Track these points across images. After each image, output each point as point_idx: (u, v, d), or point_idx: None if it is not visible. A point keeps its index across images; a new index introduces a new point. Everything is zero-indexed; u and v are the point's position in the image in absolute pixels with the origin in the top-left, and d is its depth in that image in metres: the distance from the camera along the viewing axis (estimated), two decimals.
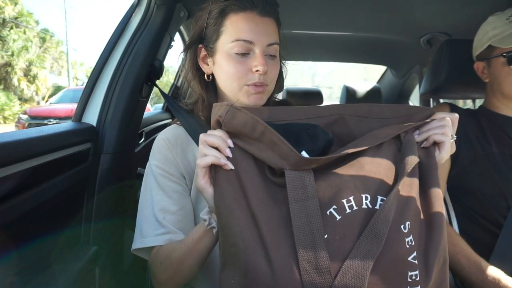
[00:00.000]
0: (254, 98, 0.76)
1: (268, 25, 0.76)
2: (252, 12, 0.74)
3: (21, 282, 0.70)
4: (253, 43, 0.74)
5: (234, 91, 0.77)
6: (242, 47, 0.74)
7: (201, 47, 0.81)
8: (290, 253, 0.48)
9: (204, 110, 0.82)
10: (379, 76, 2.69)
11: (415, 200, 0.54)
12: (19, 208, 0.67)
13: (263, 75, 0.74)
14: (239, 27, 0.74)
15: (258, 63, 0.73)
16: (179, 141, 0.81)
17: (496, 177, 0.95)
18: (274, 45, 0.76)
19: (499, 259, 0.90)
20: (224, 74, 0.77)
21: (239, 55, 0.74)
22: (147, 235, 0.74)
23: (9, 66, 16.65)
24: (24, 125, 7.93)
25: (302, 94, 2.31)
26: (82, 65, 26.99)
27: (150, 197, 0.77)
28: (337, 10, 1.41)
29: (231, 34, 0.75)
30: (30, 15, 18.50)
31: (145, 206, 0.77)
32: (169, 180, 0.78)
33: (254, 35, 0.73)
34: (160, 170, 0.78)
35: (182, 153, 0.80)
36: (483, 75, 1.04)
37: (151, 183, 0.78)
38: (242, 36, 0.73)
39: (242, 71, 0.74)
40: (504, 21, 0.96)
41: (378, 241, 0.47)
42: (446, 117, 0.62)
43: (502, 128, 1.00)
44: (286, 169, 0.53)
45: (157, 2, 1.04)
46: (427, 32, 1.58)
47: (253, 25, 0.74)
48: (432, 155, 0.60)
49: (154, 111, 1.83)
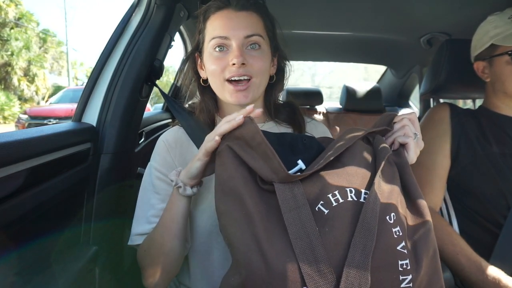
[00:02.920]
0: (237, 97, 0.77)
1: (245, 18, 0.77)
2: (228, 9, 0.76)
3: (21, 282, 0.70)
4: (228, 38, 0.75)
5: (219, 89, 0.79)
6: (218, 44, 0.76)
7: (197, 55, 0.85)
8: (285, 250, 0.50)
9: (202, 113, 0.85)
10: (379, 76, 2.69)
11: (398, 192, 0.56)
12: (19, 208, 0.67)
13: (242, 68, 0.75)
14: (215, 25, 0.77)
15: (233, 56, 0.74)
16: (179, 143, 0.83)
17: (496, 177, 0.95)
18: (254, 36, 0.76)
19: (499, 259, 0.90)
20: (209, 73, 0.79)
21: (217, 52, 0.76)
22: (134, 233, 0.79)
23: (9, 66, 16.66)
24: (24, 125, 7.92)
25: (302, 94, 2.31)
26: (82, 65, 27.01)
27: (145, 199, 0.80)
28: (337, 10, 1.41)
29: (209, 33, 0.78)
30: (31, 15, 18.52)
31: (139, 206, 0.81)
32: (165, 183, 0.79)
33: (229, 30, 0.75)
34: (158, 172, 0.80)
35: (180, 156, 0.82)
36: (483, 74, 1.04)
37: (148, 185, 0.81)
38: (217, 33, 0.76)
39: (220, 65, 0.76)
40: (506, 20, 0.96)
41: (371, 236, 0.49)
42: (404, 118, 0.64)
43: (503, 128, 1.00)
44: (275, 182, 0.55)
45: (157, 2, 1.04)
46: (427, 32, 1.58)
47: (227, 20, 0.76)
48: (402, 155, 0.63)
49: (154, 111, 1.83)
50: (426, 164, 1.03)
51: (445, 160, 1.03)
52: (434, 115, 1.10)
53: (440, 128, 1.05)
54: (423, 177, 1.02)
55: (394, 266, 0.49)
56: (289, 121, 0.88)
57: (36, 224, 0.74)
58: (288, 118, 0.88)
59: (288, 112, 0.89)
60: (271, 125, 0.87)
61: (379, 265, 0.49)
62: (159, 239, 0.72)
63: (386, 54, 2.12)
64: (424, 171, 1.03)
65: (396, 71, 2.37)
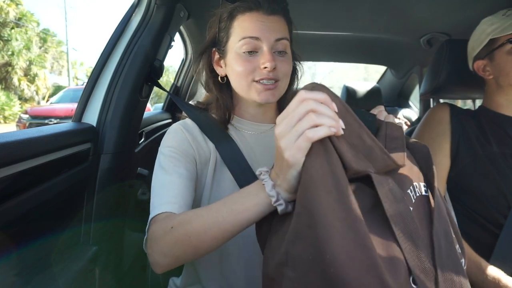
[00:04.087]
0: (265, 95, 0.77)
1: (275, 22, 0.77)
2: (258, 11, 0.76)
3: (21, 282, 0.70)
4: (260, 39, 0.75)
5: (244, 89, 0.78)
6: (250, 45, 0.75)
7: (215, 51, 0.83)
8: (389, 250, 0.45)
9: (219, 110, 0.83)
10: (379, 76, 2.69)
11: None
12: (19, 208, 0.67)
13: (272, 72, 0.75)
14: (245, 25, 0.76)
15: (265, 60, 0.74)
16: (195, 133, 0.81)
17: (496, 177, 0.95)
18: (283, 40, 0.77)
19: (500, 259, 0.90)
20: (234, 73, 0.78)
21: (247, 53, 0.76)
22: (160, 204, 0.68)
23: (9, 65, 16.66)
24: (25, 124, 7.93)
25: None
26: (82, 65, 27.04)
27: (159, 185, 0.72)
28: (337, 10, 1.41)
29: (238, 33, 0.76)
30: (32, 15, 18.53)
31: (154, 195, 0.71)
32: (178, 161, 0.74)
33: (261, 32, 0.75)
34: (171, 150, 0.75)
35: (197, 144, 0.79)
36: (484, 73, 1.03)
37: (158, 170, 0.74)
38: (248, 34, 0.75)
39: (250, 68, 0.76)
40: (501, 17, 0.98)
41: (448, 225, 0.51)
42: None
43: (503, 128, 1.00)
44: (371, 172, 0.48)
45: (157, 2, 1.04)
46: (427, 32, 1.58)
47: (259, 23, 0.75)
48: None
49: (154, 111, 1.83)
50: None
51: (445, 160, 1.03)
52: (434, 115, 1.10)
53: (440, 128, 1.05)
54: None
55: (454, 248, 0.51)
56: None
57: (36, 224, 0.74)
58: None
59: None
60: None
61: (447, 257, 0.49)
62: (201, 231, 0.57)
63: (386, 54, 2.12)
64: None
65: (396, 71, 2.37)
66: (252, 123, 0.85)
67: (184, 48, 1.85)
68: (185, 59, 1.90)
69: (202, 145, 0.80)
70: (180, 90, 1.90)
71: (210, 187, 0.78)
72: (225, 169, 0.78)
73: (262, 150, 0.83)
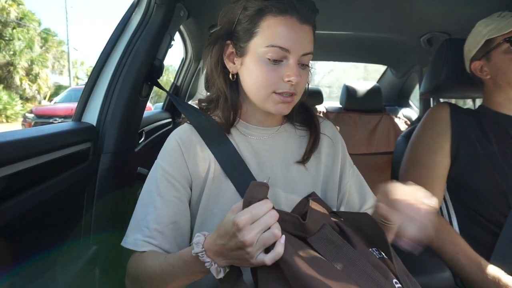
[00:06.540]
0: (281, 107, 0.73)
1: (306, 32, 0.71)
2: (292, 17, 0.69)
3: (21, 282, 0.70)
4: (289, 51, 0.69)
5: (261, 98, 0.73)
6: (277, 54, 0.69)
7: (229, 44, 0.75)
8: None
9: (225, 111, 0.78)
10: (378, 76, 2.69)
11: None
12: (19, 208, 0.67)
13: (293, 86, 0.71)
14: (277, 31, 0.69)
15: (291, 73, 0.69)
16: (193, 144, 0.77)
17: (496, 176, 0.94)
18: (309, 54, 0.72)
19: (500, 259, 0.90)
20: (253, 79, 0.73)
21: (271, 61, 0.70)
22: (130, 234, 0.73)
23: (11, 65, 16.69)
24: (31, 123, 8.14)
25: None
26: (82, 64, 27.11)
27: (148, 200, 0.74)
28: (337, 9, 1.40)
29: (266, 37, 0.69)
30: (33, 15, 18.56)
31: (140, 206, 0.75)
32: (173, 187, 0.74)
33: (291, 43, 0.69)
34: (166, 173, 0.74)
35: (194, 158, 0.76)
36: (482, 73, 1.03)
37: (152, 185, 0.74)
38: (278, 43, 0.68)
39: (272, 79, 0.70)
40: (496, 18, 0.98)
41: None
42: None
43: (503, 127, 1.00)
44: (307, 237, 0.61)
45: (157, 1, 1.04)
46: (427, 32, 1.58)
47: (292, 32, 0.69)
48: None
49: (155, 111, 1.83)
50: (426, 164, 1.03)
51: (445, 159, 1.02)
52: (434, 115, 1.10)
53: (440, 128, 1.05)
54: (423, 176, 1.02)
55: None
56: (305, 123, 0.86)
57: (36, 224, 0.74)
58: (304, 120, 0.86)
59: (304, 114, 0.87)
60: (288, 127, 0.85)
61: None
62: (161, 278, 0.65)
63: (386, 54, 2.12)
64: (424, 170, 1.03)
65: (396, 70, 2.36)
66: (258, 128, 0.81)
67: (184, 47, 1.85)
68: (185, 59, 1.90)
69: (200, 156, 0.76)
70: (180, 90, 1.90)
71: (207, 198, 0.75)
72: (225, 177, 0.76)
73: (268, 155, 0.80)
